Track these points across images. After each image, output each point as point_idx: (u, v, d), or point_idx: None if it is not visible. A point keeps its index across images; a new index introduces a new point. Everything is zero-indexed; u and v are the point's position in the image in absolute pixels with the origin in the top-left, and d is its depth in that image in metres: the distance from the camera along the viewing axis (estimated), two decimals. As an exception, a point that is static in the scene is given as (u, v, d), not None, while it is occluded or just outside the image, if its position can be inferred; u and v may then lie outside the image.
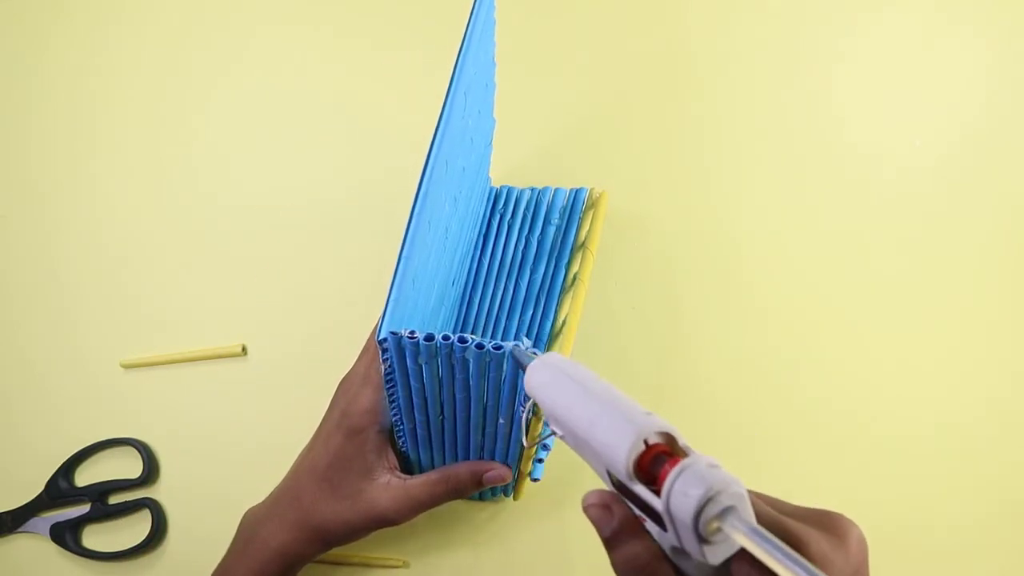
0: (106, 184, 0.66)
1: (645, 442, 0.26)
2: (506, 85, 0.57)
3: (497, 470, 0.44)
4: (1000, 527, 0.53)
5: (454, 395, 0.38)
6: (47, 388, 0.59)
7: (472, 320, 0.54)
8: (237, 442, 0.57)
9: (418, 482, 0.43)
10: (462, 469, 0.43)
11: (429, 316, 0.43)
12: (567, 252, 0.56)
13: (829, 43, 0.71)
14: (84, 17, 0.72)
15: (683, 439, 0.26)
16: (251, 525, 0.46)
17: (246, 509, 0.48)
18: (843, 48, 0.70)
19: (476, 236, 0.57)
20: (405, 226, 0.35)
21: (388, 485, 0.42)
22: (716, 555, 0.25)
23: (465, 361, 0.35)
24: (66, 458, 0.56)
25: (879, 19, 0.71)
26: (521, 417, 0.38)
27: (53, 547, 0.54)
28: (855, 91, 0.68)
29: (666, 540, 0.27)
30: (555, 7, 0.72)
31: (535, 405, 0.37)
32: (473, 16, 0.39)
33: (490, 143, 0.54)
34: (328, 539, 0.44)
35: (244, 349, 0.58)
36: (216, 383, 0.58)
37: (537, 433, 0.40)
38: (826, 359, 0.58)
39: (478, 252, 0.56)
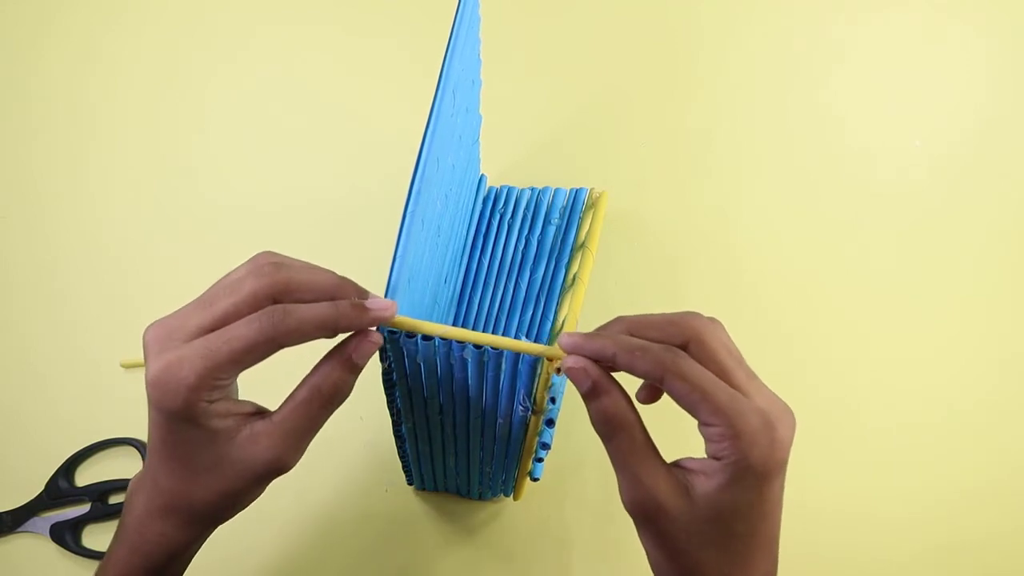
0: (106, 184, 0.66)
1: None
2: (508, 85, 0.57)
3: (362, 342, 0.34)
4: (999, 518, 0.53)
5: (453, 395, 0.38)
6: (47, 388, 0.59)
7: (472, 320, 0.54)
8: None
9: (286, 411, 0.34)
10: (324, 367, 0.34)
11: (424, 315, 0.43)
12: (567, 252, 0.56)
13: (829, 43, 0.71)
14: (84, 17, 0.73)
15: None
16: (127, 503, 0.37)
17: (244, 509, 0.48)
18: (843, 48, 0.70)
19: (467, 233, 0.57)
20: (399, 225, 0.35)
21: (253, 435, 0.33)
22: None
23: (463, 361, 0.35)
24: (66, 458, 0.56)
25: (879, 19, 0.71)
26: (520, 416, 0.38)
27: (53, 547, 0.54)
28: (855, 91, 0.68)
29: None
30: (558, 8, 0.73)
31: (534, 403, 0.37)
32: (458, 15, 0.39)
33: (477, 140, 0.54)
34: (213, 516, 0.36)
35: (244, 349, 0.58)
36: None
37: (537, 431, 0.40)
38: (826, 357, 0.58)
39: (478, 251, 0.56)
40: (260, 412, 0.35)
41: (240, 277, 0.32)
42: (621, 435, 0.32)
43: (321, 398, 0.34)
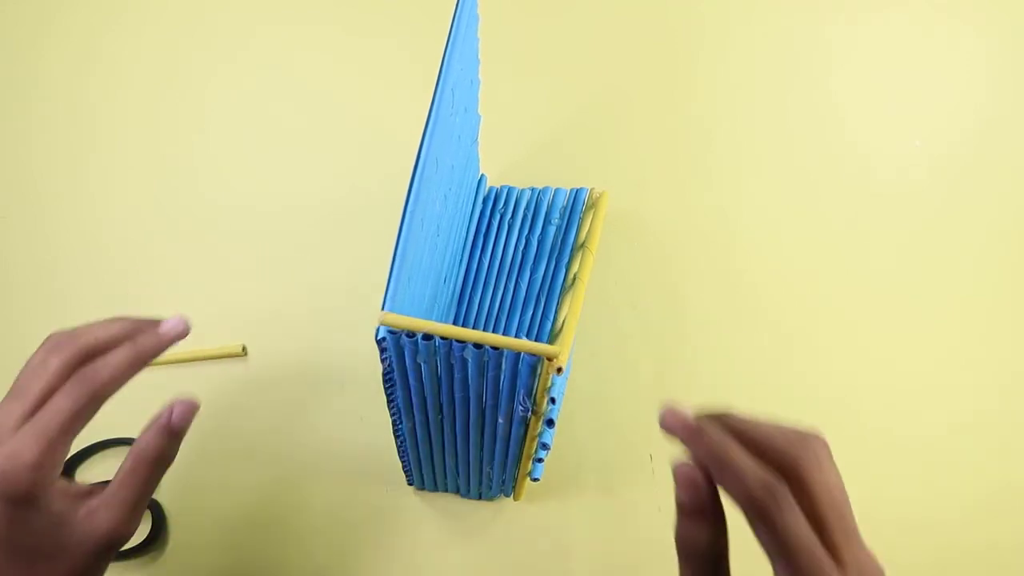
0: (106, 184, 0.66)
1: None
2: (508, 85, 0.57)
3: (178, 407, 0.37)
4: (1000, 521, 0.53)
5: (453, 394, 0.38)
6: (47, 388, 0.58)
7: (472, 320, 0.54)
8: (237, 442, 0.57)
9: (116, 482, 0.36)
10: (146, 436, 0.37)
11: (424, 315, 0.43)
12: (567, 252, 0.56)
13: (829, 43, 0.71)
14: (83, 17, 0.73)
15: None
16: None
17: (245, 509, 0.48)
18: (843, 47, 0.70)
19: (467, 233, 0.57)
20: (399, 225, 0.35)
21: (89, 511, 0.35)
22: None
23: (464, 360, 0.35)
24: (67, 458, 0.56)
25: (879, 19, 0.71)
26: (520, 417, 0.38)
27: (53, 547, 0.54)
28: (855, 91, 0.68)
29: None
30: (558, 8, 0.73)
31: (534, 403, 0.37)
32: (457, 15, 0.39)
33: (476, 139, 0.54)
34: None
35: (244, 349, 0.58)
36: (216, 383, 0.58)
37: (536, 432, 0.40)
38: (826, 357, 0.58)
39: (478, 251, 0.56)
40: (92, 491, 0.37)
41: (42, 359, 0.35)
42: (691, 564, 0.31)
43: (147, 466, 0.37)
